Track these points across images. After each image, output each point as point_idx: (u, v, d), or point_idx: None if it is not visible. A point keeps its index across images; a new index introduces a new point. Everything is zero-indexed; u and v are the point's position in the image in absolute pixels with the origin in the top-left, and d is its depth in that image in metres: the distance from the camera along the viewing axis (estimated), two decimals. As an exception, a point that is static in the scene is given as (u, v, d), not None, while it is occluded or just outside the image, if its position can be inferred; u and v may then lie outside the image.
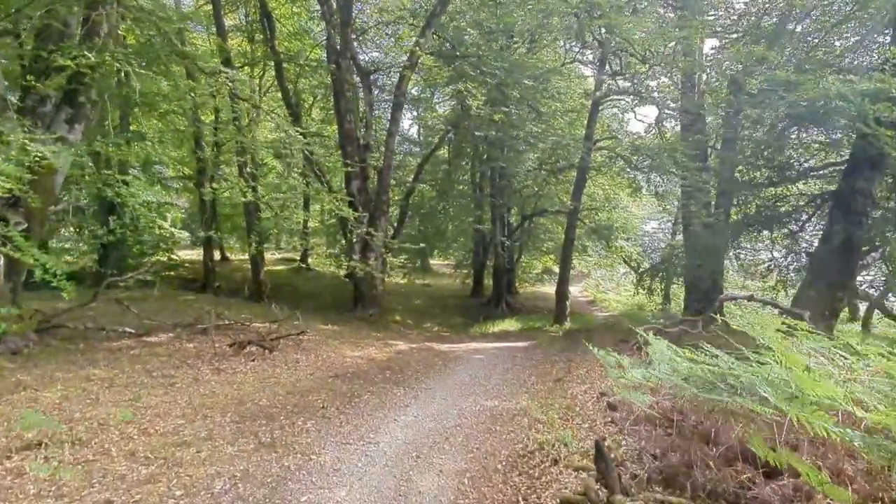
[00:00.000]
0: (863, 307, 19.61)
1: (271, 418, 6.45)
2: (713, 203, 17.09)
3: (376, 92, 23.33)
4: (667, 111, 20.77)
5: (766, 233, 14.44)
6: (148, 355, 9.16)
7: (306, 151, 11.38)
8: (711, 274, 16.23)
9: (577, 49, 24.86)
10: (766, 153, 12.34)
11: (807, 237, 13.84)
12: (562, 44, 24.01)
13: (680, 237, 30.46)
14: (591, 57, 25.56)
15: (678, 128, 22.95)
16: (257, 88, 22.83)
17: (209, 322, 10.36)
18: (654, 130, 22.50)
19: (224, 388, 7.68)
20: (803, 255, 14.18)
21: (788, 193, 13.58)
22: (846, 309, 30.14)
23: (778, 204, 12.91)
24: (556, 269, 32.22)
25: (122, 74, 9.48)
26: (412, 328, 17.44)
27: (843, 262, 10.93)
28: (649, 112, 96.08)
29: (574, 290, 28.27)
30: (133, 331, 10.45)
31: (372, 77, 17.82)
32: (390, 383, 8.66)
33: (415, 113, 31.76)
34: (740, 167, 14.03)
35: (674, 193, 27.24)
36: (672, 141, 15.61)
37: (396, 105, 15.49)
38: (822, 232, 12.58)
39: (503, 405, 7.23)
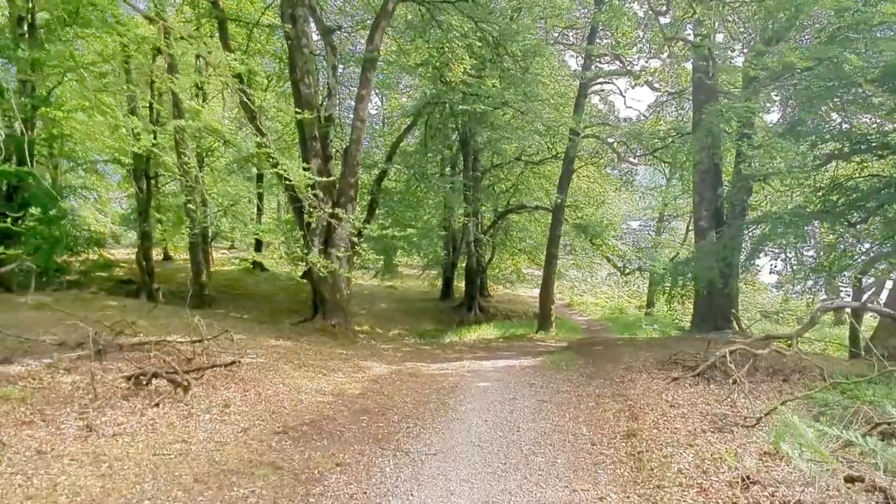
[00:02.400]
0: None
1: (144, 563, 3.07)
2: (724, 196, 14.36)
3: (341, 69, 19.90)
4: (667, 92, 18.09)
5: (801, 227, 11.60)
6: (-11, 399, 5.59)
7: (244, 96, 7.91)
8: (727, 278, 13.35)
9: (559, 29, 22.09)
10: (829, 122, 9.58)
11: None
12: (542, 24, 21.09)
13: (665, 235, 28.13)
14: (572, 39, 22.94)
15: (670, 115, 20.43)
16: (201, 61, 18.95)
17: (96, 343, 6.77)
18: (649, 117, 19.73)
19: (83, 472, 4.21)
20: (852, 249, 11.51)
21: (854, 176, 10.76)
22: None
23: (839, 187, 10.08)
24: (530, 270, 29.34)
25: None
26: (385, 340, 14.06)
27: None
28: (642, 98, 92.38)
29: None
30: (-16, 356, 6.80)
31: (336, 41, 14.30)
32: (371, 442, 5.33)
33: (379, 101, 28.49)
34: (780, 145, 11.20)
35: (659, 188, 24.78)
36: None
37: (368, 62, 12.03)
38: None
39: (577, 503, 4.01)
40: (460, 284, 25.69)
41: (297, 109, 10.66)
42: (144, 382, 6.26)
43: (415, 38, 15.36)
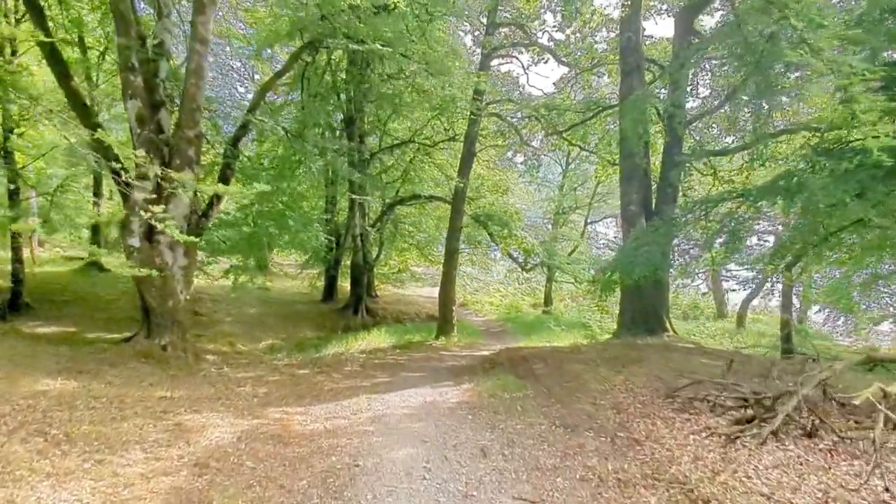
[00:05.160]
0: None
1: None
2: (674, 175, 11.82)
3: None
4: (577, 67, 15.52)
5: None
6: None
7: None
8: (656, 274, 10.52)
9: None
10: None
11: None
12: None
13: (564, 228, 25.98)
14: (467, 13, 19.93)
15: (577, 95, 17.96)
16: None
17: None
18: (557, 95, 17.08)
19: None
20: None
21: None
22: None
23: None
24: (421, 268, 26.01)
25: None
26: (246, 363, 9.79)
27: None
28: (547, 74, 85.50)
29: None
30: None
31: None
32: None
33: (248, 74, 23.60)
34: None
35: (557, 180, 22.50)
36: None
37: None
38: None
39: None
40: (344, 284, 21.71)
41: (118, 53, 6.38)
42: None
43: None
